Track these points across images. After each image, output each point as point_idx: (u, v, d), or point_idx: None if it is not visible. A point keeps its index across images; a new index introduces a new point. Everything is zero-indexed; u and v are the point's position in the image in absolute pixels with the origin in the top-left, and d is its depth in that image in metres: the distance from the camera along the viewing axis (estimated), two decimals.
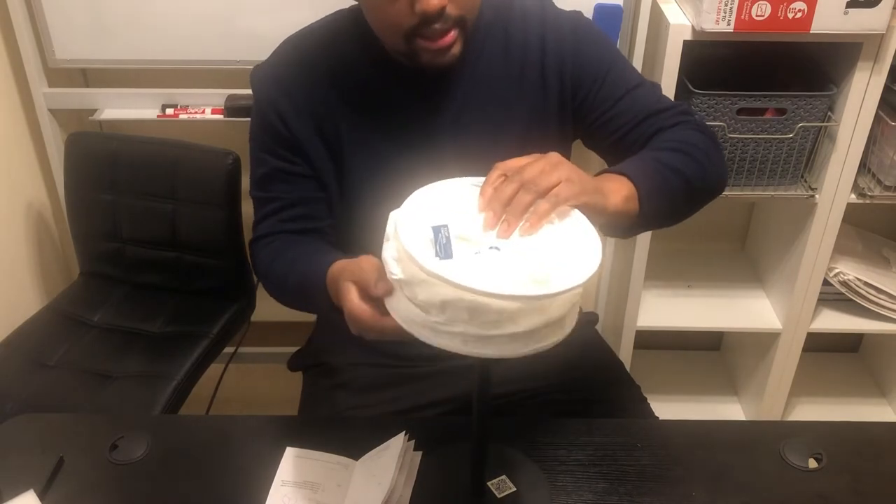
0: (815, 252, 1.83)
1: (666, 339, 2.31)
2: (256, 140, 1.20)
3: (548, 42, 1.17)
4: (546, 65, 1.17)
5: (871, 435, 1.15)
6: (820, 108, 1.67)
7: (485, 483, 1.04)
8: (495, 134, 1.18)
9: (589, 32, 1.20)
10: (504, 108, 1.18)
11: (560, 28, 1.18)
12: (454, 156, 1.15)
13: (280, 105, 1.15)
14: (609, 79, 1.17)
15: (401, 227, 0.83)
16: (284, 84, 1.16)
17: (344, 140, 1.17)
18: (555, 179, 0.89)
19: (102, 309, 1.76)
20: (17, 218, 1.91)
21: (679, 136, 1.12)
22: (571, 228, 0.89)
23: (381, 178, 1.17)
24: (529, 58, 1.17)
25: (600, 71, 1.17)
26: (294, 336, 1.42)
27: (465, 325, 0.81)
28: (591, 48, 1.18)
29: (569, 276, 0.81)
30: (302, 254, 1.16)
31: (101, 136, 1.85)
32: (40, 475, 1.05)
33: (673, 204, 1.08)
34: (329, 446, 1.10)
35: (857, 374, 2.33)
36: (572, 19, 1.20)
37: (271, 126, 1.16)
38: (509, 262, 0.83)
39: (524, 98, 1.18)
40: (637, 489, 1.05)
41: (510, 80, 1.17)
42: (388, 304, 0.88)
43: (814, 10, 1.52)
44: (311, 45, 1.18)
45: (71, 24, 1.74)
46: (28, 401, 1.51)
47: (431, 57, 1.07)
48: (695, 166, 1.09)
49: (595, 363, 1.33)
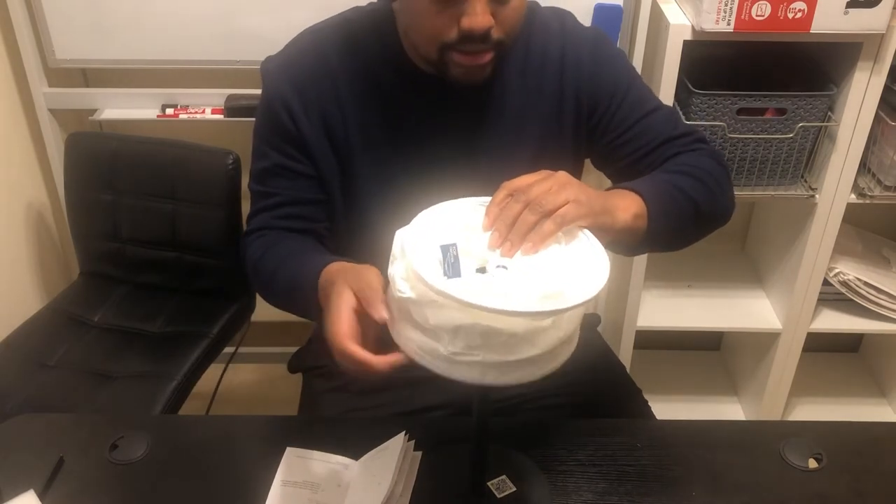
0: (815, 252, 1.83)
1: (666, 339, 2.31)
2: (261, 132, 1.17)
3: (567, 58, 1.15)
4: (564, 81, 1.15)
5: (871, 435, 1.15)
6: (820, 108, 1.67)
7: (485, 483, 1.04)
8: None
9: (608, 51, 1.18)
10: (520, 122, 1.16)
11: (579, 45, 1.16)
12: (466, 168, 1.13)
13: (290, 100, 1.12)
14: (627, 101, 1.15)
15: (409, 246, 0.82)
16: (297, 79, 1.13)
17: (352, 143, 1.14)
18: (562, 200, 0.88)
19: (102, 309, 1.76)
20: (17, 218, 1.91)
21: (693, 161, 1.12)
22: (578, 245, 0.89)
23: (389, 186, 1.15)
24: (547, 73, 1.15)
25: (618, 92, 1.15)
26: (294, 336, 1.42)
27: (482, 353, 0.80)
28: (609, 68, 1.16)
29: (579, 290, 0.80)
30: (295, 250, 1.13)
31: (101, 136, 1.85)
32: (40, 475, 1.05)
33: (681, 226, 1.08)
34: (329, 446, 1.10)
35: (857, 374, 2.33)
36: (592, 37, 1.17)
37: (278, 120, 1.13)
38: (518, 280, 0.83)
39: (540, 114, 1.16)
40: (637, 489, 1.05)
41: (527, 94, 1.15)
42: (396, 334, 0.86)
43: (814, 10, 1.52)
44: (327, 42, 1.14)
45: (71, 24, 1.74)
46: (28, 401, 1.51)
47: (462, 73, 1.04)
48: (706, 193, 1.09)
49: (596, 364, 1.33)
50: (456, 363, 0.81)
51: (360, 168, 1.15)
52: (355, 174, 1.16)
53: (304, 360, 1.39)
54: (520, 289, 0.81)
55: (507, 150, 1.16)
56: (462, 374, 0.81)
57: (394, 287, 0.84)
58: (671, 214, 1.03)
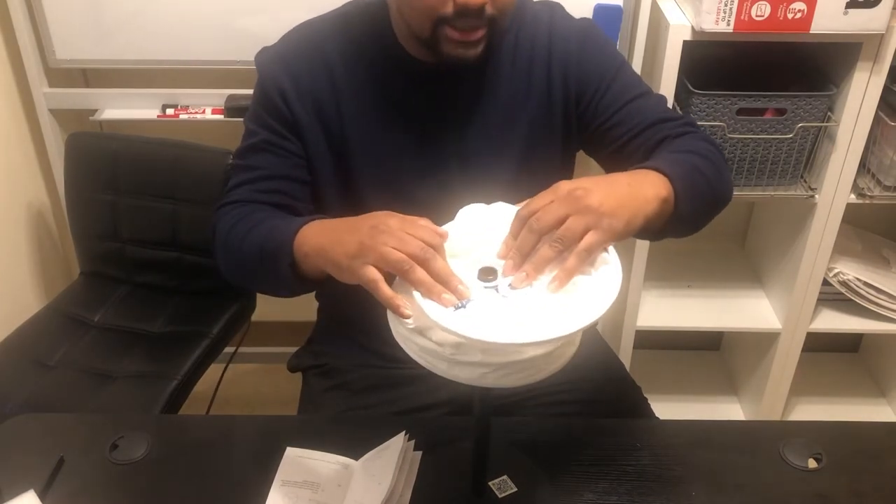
0: (815, 252, 1.83)
1: (666, 339, 2.31)
2: (252, 115, 1.17)
3: (554, 49, 1.17)
4: (552, 72, 1.17)
5: (871, 435, 1.15)
6: (820, 108, 1.67)
7: (486, 483, 1.04)
8: (500, 137, 1.17)
9: (596, 41, 1.19)
10: (510, 112, 1.17)
11: (567, 37, 1.17)
12: (459, 154, 1.15)
13: (283, 83, 1.13)
14: (614, 86, 1.16)
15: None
16: (290, 65, 1.14)
17: (346, 128, 1.15)
18: (581, 230, 0.86)
19: (102, 309, 1.76)
20: (17, 218, 1.91)
21: (692, 144, 1.11)
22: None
23: (385, 172, 1.16)
24: (536, 64, 1.17)
25: (605, 78, 1.16)
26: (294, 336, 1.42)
27: (483, 356, 0.80)
28: (596, 56, 1.17)
29: (588, 308, 0.80)
30: (271, 216, 1.08)
31: (102, 136, 1.85)
32: (40, 475, 1.05)
33: (702, 206, 1.06)
34: (329, 446, 1.10)
35: (856, 374, 2.33)
36: (580, 28, 1.19)
37: (271, 101, 1.13)
38: (527, 301, 0.82)
39: (530, 103, 1.17)
40: (637, 489, 1.05)
41: (517, 84, 1.17)
42: (396, 333, 0.87)
43: (813, 10, 1.52)
44: (320, 32, 1.16)
45: (71, 24, 1.74)
46: (28, 401, 1.51)
47: (454, 48, 1.04)
48: (715, 172, 1.09)
49: (595, 363, 1.32)
50: (456, 364, 0.81)
51: (355, 156, 1.16)
52: (351, 162, 1.16)
53: (303, 360, 1.39)
54: (529, 314, 0.80)
55: (499, 136, 1.17)
56: (462, 375, 0.81)
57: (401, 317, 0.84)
58: (695, 194, 1.01)
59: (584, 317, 0.79)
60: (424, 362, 0.84)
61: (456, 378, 0.82)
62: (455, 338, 0.78)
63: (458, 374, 0.82)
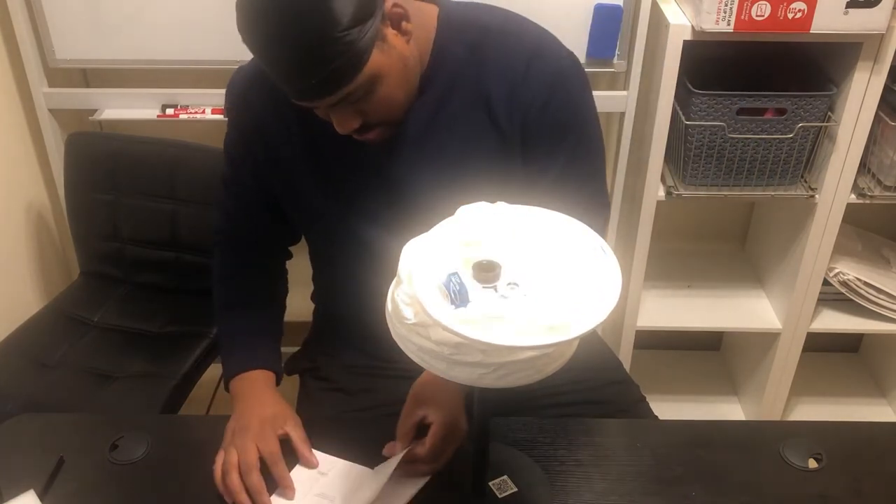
0: (815, 252, 1.83)
1: (666, 339, 2.31)
2: (225, 138, 1.25)
3: (520, 99, 1.10)
4: (511, 116, 1.11)
5: (871, 435, 1.15)
6: (820, 108, 1.67)
7: (486, 483, 1.04)
8: (457, 170, 1.14)
9: (566, 99, 1.12)
10: (466, 147, 1.14)
11: (533, 94, 1.10)
12: (411, 187, 1.15)
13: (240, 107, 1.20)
14: (554, 165, 1.13)
15: (415, 275, 0.82)
16: (246, 96, 1.20)
17: (297, 159, 1.17)
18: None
19: (102, 309, 1.76)
20: (17, 218, 1.91)
21: None
22: (594, 258, 0.88)
23: (334, 202, 1.18)
24: (496, 104, 1.11)
25: (554, 149, 1.12)
26: (293, 337, 1.42)
27: (482, 357, 0.80)
28: (558, 115, 1.11)
29: (588, 313, 0.79)
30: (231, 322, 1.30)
31: (102, 136, 1.85)
32: (40, 475, 1.05)
33: None
34: (329, 446, 1.10)
35: (857, 374, 2.33)
36: (552, 83, 1.10)
37: (231, 123, 1.23)
38: (527, 303, 0.82)
39: (487, 139, 1.13)
40: (637, 489, 1.05)
41: (474, 121, 1.13)
42: (395, 333, 0.87)
43: (814, 10, 1.52)
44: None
45: (71, 24, 1.74)
46: (28, 401, 1.51)
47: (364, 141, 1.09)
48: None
49: (595, 363, 1.32)
50: (455, 364, 0.81)
51: (303, 182, 1.19)
52: (301, 190, 1.20)
53: (299, 362, 1.40)
54: (528, 317, 0.80)
55: (456, 171, 1.14)
56: (461, 375, 0.81)
57: (397, 311, 0.84)
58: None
59: (583, 323, 0.79)
60: (423, 362, 0.84)
61: (455, 378, 0.82)
62: (455, 338, 0.78)
63: (457, 374, 0.82)
